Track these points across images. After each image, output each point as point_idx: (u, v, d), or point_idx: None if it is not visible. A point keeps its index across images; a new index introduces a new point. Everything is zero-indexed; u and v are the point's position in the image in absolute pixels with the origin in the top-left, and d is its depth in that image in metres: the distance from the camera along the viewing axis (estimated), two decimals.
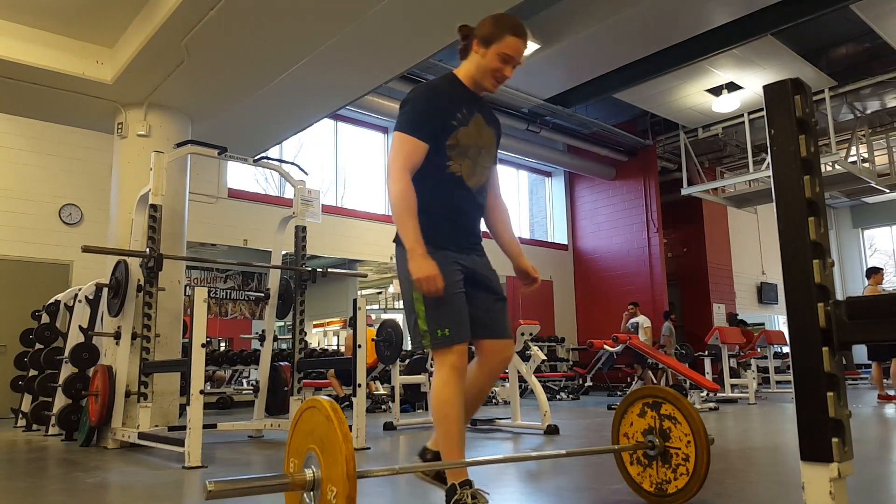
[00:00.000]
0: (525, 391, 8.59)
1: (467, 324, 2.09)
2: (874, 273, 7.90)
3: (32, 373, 6.30)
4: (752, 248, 15.41)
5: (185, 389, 3.85)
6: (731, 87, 10.47)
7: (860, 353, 12.24)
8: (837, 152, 10.81)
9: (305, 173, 5.51)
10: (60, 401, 5.33)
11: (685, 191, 12.39)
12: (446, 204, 2.15)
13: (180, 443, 3.67)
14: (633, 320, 11.12)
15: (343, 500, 1.57)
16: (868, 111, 11.68)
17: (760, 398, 8.76)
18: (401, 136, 2.10)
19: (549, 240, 14.38)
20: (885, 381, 7.96)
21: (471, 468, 2.23)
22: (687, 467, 2.20)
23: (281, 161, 5.73)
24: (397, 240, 2.13)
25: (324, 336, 14.86)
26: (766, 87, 1.42)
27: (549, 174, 14.72)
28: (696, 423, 2.21)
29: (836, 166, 10.81)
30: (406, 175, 2.06)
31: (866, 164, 11.93)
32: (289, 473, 1.79)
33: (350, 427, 4.19)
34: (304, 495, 1.74)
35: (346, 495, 1.57)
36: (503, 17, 2.16)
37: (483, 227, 2.34)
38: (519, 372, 5.45)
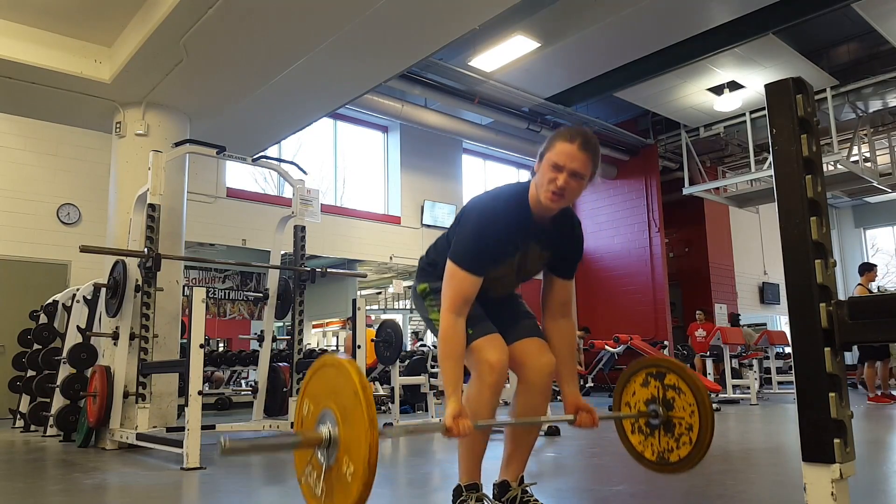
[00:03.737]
0: None
1: (487, 321, 2.04)
2: (867, 270, 7.89)
3: (30, 373, 6.29)
4: (754, 247, 15.39)
5: (183, 390, 3.83)
6: (733, 87, 10.45)
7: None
8: (839, 152, 10.78)
9: (304, 172, 5.49)
10: (58, 401, 5.32)
11: (687, 190, 12.37)
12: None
13: (179, 444, 3.65)
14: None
15: (359, 484, 1.53)
16: (870, 110, 11.66)
17: (762, 399, 8.75)
18: (453, 269, 1.98)
19: None
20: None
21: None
22: (690, 436, 2.17)
23: (280, 160, 5.71)
24: (426, 272, 2.17)
25: (323, 336, 14.86)
26: (767, 87, 1.41)
27: None
28: (700, 394, 2.17)
29: (838, 166, 10.78)
30: (452, 315, 1.94)
31: (868, 164, 11.91)
32: (301, 431, 1.76)
33: None
34: (318, 451, 1.70)
35: (363, 481, 1.53)
36: (564, 128, 2.01)
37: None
38: None
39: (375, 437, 1.54)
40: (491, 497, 2.14)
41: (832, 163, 10.63)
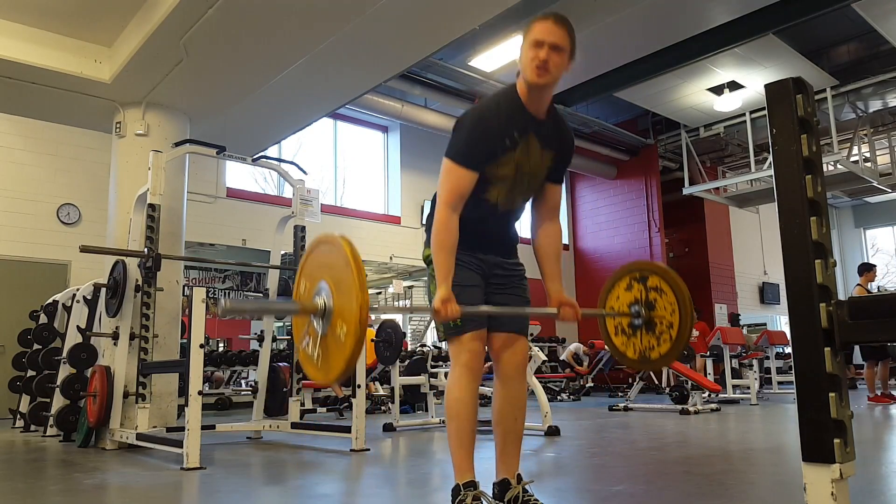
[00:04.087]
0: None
1: (479, 316, 2.09)
2: (866, 270, 7.88)
3: (30, 373, 6.28)
4: (754, 247, 15.39)
5: (183, 390, 3.83)
6: (733, 86, 10.45)
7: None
8: (839, 152, 10.78)
9: (304, 172, 5.49)
10: (58, 401, 5.32)
11: (687, 190, 12.36)
12: (475, 223, 2.11)
13: (179, 444, 3.65)
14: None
15: (352, 340, 1.69)
16: (870, 110, 11.66)
17: (762, 399, 8.74)
18: (449, 165, 2.06)
19: None
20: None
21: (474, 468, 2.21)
22: (671, 334, 2.27)
23: (280, 160, 5.71)
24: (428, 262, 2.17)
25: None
26: (767, 87, 1.41)
27: None
28: (681, 293, 2.27)
29: (838, 166, 10.78)
30: (448, 209, 2.03)
31: (868, 164, 11.90)
32: (299, 300, 1.91)
33: (349, 429, 4.18)
34: (314, 320, 1.85)
35: (356, 337, 1.69)
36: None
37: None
38: None
39: (366, 298, 1.69)
40: (491, 496, 2.15)
41: (832, 163, 10.63)
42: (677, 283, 2.29)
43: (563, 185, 2.33)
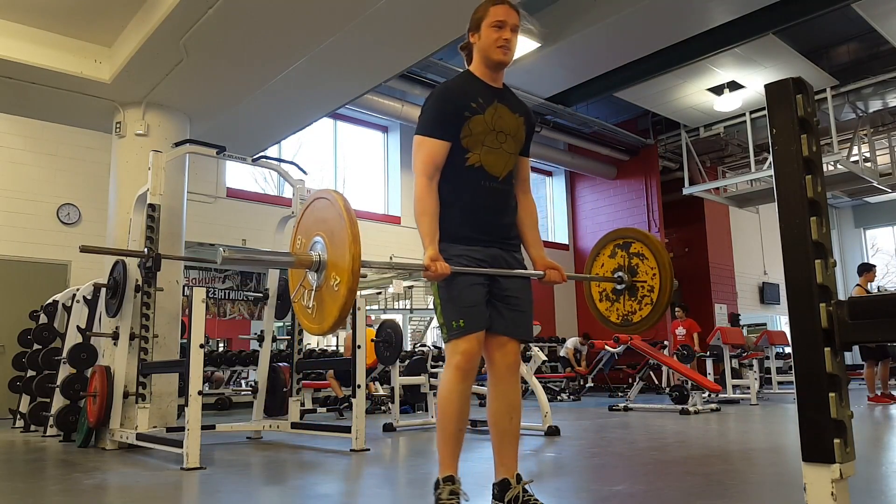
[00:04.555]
0: (526, 392, 8.57)
1: (482, 317, 2.12)
2: (866, 270, 7.88)
3: (30, 373, 6.29)
4: (754, 247, 15.39)
5: (183, 390, 3.83)
6: (733, 87, 10.45)
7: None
8: (839, 152, 10.78)
9: (304, 172, 5.49)
10: (58, 401, 5.32)
11: (687, 190, 12.36)
12: (467, 200, 2.17)
13: (179, 444, 3.65)
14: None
15: (345, 289, 1.79)
16: (870, 110, 11.66)
17: (762, 399, 8.74)
18: (418, 139, 2.17)
19: (550, 239, 14.36)
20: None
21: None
22: (651, 297, 2.38)
23: (280, 160, 5.71)
24: None
25: (323, 336, 14.85)
26: (767, 87, 1.41)
27: (549, 173, 14.71)
28: (661, 257, 2.38)
29: (838, 166, 10.78)
30: (424, 178, 2.12)
31: (868, 164, 11.91)
32: (294, 253, 2.00)
33: (349, 429, 4.18)
34: (309, 274, 1.95)
35: (348, 287, 1.79)
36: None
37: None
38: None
39: (358, 249, 1.79)
40: (491, 497, 2.17)
41: (832, 163, 10.63)
42: (658, 248, 2.40)
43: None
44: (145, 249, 4.56)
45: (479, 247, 2.16)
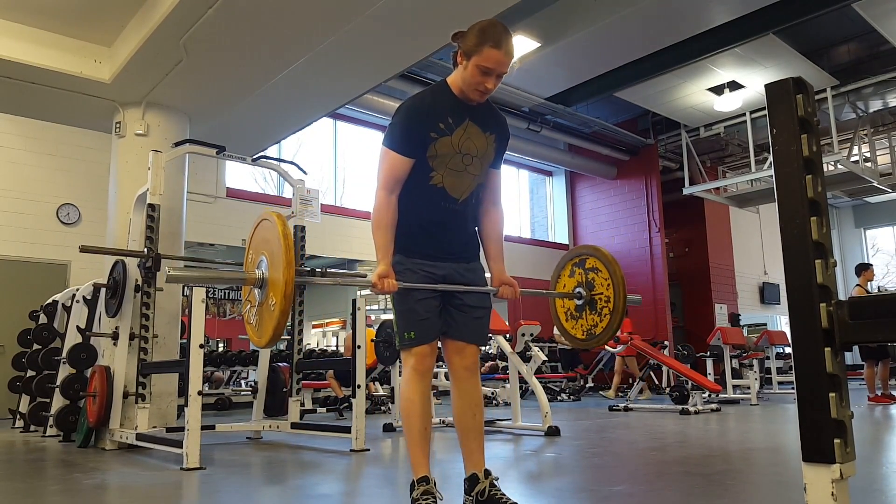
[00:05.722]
0: (526, 392, 8.57)
1: (432, 329, 2.19)
2: (864, 270, 7.88)
3: (30, 373, 6.28)
4: (754, 247, 15.39)
5: (183, 390, 3.83)
6: (733, 86, 10.45)
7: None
8: (839, 152, 10.78)
9: (304, 172, 5.49)
10: (58, 401, 5.32)
11: (687, 190, 12.36)
12: (425, 217, 2.20)
13: (178, 444, 3.65)
14: None
15: (278, 311, 1.94)
16: (870, 111, 11.66)
17: (762, 399, 8.74)
18: (383, 151, 2.18)
19: (550, 239, 14.37)
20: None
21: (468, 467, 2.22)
22: (609, 307, 2.52)
23: (280, 160, 5.71)
24: None
25: (323, 336, 14.84)
26: (767, 86, 1.40)
27: (549, 173, 14.71)
28: (612, 265, 2.55)
29: (839, 166, 10.78)
30: (384, 192, 2.15)
31: (868, 164, 11.91)
32: (245, 272, 2.17)
33: (349, 429, 4.18)
34: (255, 290, 2.11)
35: (281, 308, 1.94)
36: (486, 27, 2.10)
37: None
38: (520, 373, 5.43)
39: (291, 274, 1.90)
40: (464, 492, 2.24)
41: (832, 163, 10.63)
42: (607, 258, 2.56)
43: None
44: (145, 249, 4.56)
45: (433, 262, 2.21)
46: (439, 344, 2.28)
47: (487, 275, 2.38)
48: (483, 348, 2.75)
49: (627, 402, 7.64)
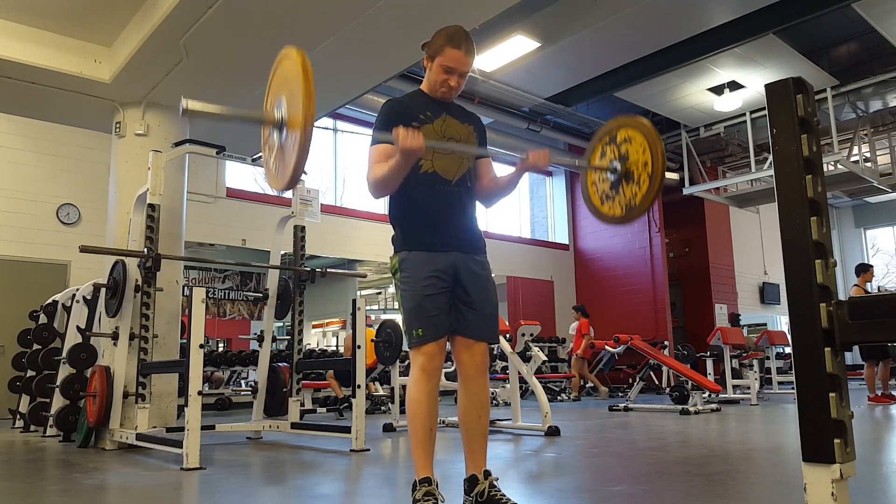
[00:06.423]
0: (526, 392, 8.57)
1: (441, 326, 2.18)
2: (864, 271, 7.88)
3: (30, 373, 6.28)
4: (755, 247, 15.39)
5: (183, 390, 3.83)
6: (733, 86, 10.44)
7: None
8: (839, 152, 10.78)
9: (304, 172, 5.48)
10: (58, 402, 5.32)
11: (687, 190, 12.36)
12: (423, 207, 2.24)
13: (178, 444, 3.65)
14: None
15: (299, 147, 1.85)
16: (870, 111, 11.66)
17: (762, 399, 8.74)
18: (370, 151, 2.26)
19: (550, 240, 14.37)
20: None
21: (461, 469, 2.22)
22: (647, 171, 2.35)
23: None
24: (394, 240, 2.30)
25: (323, 337, 14.85)
26: (767, 87, 1.41)
27: (550, 174, 14.71)
28: (646, 129, 2.41)
29: (839, 166, 10.78)
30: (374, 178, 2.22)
31: (868, 164, 11.91)
32: (263, 111, 2.09)
33: (349, 429, 4.18)
34: (273, 133, 2.04)
35: (301, 144, 1.84)
36: (448, 31, 2.24)
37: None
38: (520, 373, 5.43)
39: (311, 109, 1.83)
40: (464, 492, 2.24)
41: (832, 163, 10.62)
42: (641, 123, 2.43)
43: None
44: (145, 249, 4.56)
45: (439, 252, 2.21)
46: (448, 346, 2.27)
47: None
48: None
49: (627, 402, 7.64)
